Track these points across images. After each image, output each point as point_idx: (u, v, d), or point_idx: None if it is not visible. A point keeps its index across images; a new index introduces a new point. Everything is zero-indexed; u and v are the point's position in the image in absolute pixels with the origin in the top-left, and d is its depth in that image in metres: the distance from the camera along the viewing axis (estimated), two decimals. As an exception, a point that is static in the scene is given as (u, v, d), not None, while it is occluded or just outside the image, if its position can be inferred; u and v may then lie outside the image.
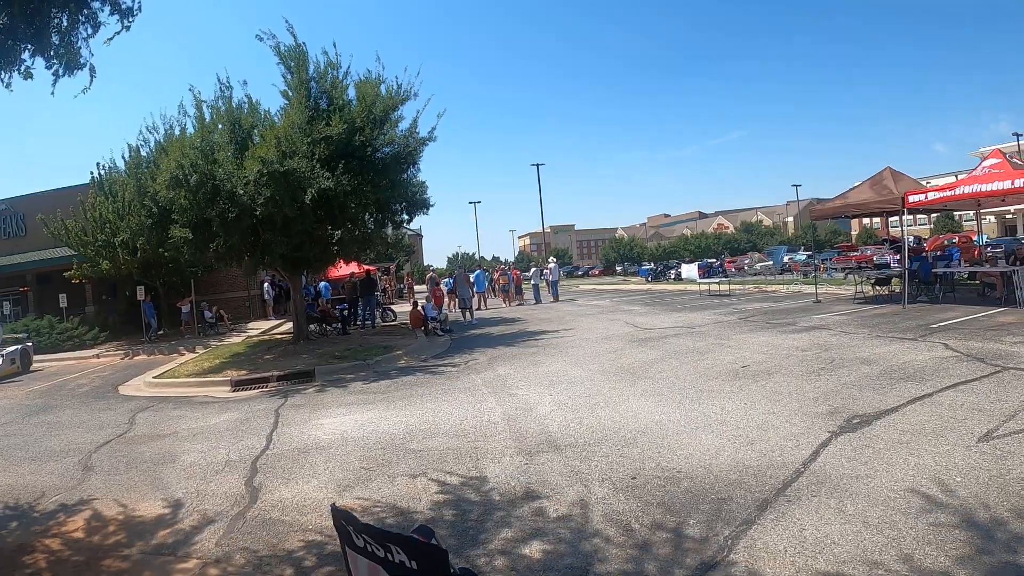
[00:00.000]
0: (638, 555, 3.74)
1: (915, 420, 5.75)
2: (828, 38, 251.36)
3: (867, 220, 67.08)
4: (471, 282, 23.89)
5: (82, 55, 5.13)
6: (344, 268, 23.77)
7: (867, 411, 6.16)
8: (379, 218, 16.14)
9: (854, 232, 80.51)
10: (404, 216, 16.88)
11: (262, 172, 12.63)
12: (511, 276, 30.39)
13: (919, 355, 8.68)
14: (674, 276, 41.14)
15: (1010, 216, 53.59)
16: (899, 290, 15.81)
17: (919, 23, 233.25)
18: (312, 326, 18.71)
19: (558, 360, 11.30)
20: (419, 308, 18.64)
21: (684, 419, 6.55)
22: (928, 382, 7.10)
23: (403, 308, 24.61)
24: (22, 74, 5.08)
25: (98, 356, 19.54)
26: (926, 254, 21.38)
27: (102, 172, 22.37)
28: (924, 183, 19.46)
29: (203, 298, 24.91)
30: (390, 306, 25.42)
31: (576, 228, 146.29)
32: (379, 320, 21.96)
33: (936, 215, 55.25)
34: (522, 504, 4.70)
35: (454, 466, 5.73)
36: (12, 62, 4.90)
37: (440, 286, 26.32)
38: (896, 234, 22.52)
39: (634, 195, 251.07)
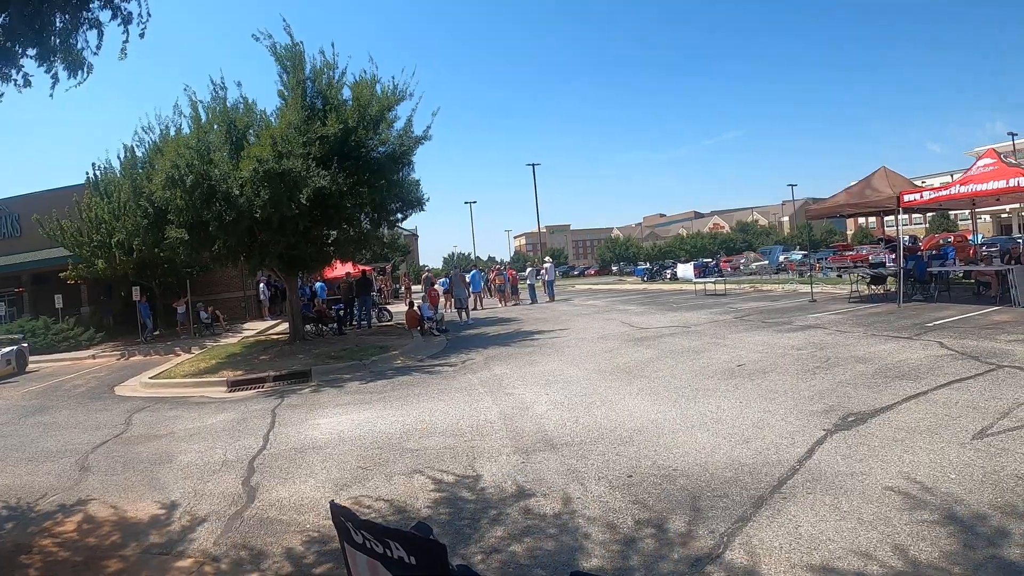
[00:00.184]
0: (634, 552, 3.76)
1: (910, 418, 5.78)
2: (824, 38, 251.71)
3: (863, 220, 67.34)
4: (467, 282, 23.90)
5: (84, 57, 5.12)
6: (340, 268, 23.78)
7: (862, 409, 6.19)
8: (374, 218, 16.13)
9: (850, 232, 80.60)
10: (399, 215, 16.88)
11: (257, 171, 12.62)
12: (507, 276, 30.40)
13: (914, 353, 8.73)
14: (670, 276, 41.19)
15: (1006, 215, 53.70)
16: (894, 289, 15.87)
17: (915, 23, 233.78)
18: (308, 326, 18.70)
19: (554, 359, 11.31)
20: (415, 308, 18.62)
21: (680, 418, 6.58)
22: (923, 380, 7.14)
23: (399, 308, 24.59)
24: (20, 82, 5.06)
25: (94, 357, 19.48)
26: (921, 253, 21.47)
27: (97, 172, 22.29)
28: (920, 183, 19.59)
29: (199, 298, 24.85)
30: (386, 306, 25.40)
31: (572, 228, 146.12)
32: (375, 320, 21.92)
33: (932, 214, 55.56)
34: (518, 502, 4.71)
35: (451, 465, 5.74)
36: (11, 65, 4.88)
37: (435, 286, 26.34)
38: (892, 233, 22.61)
39: (630, 195, 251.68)
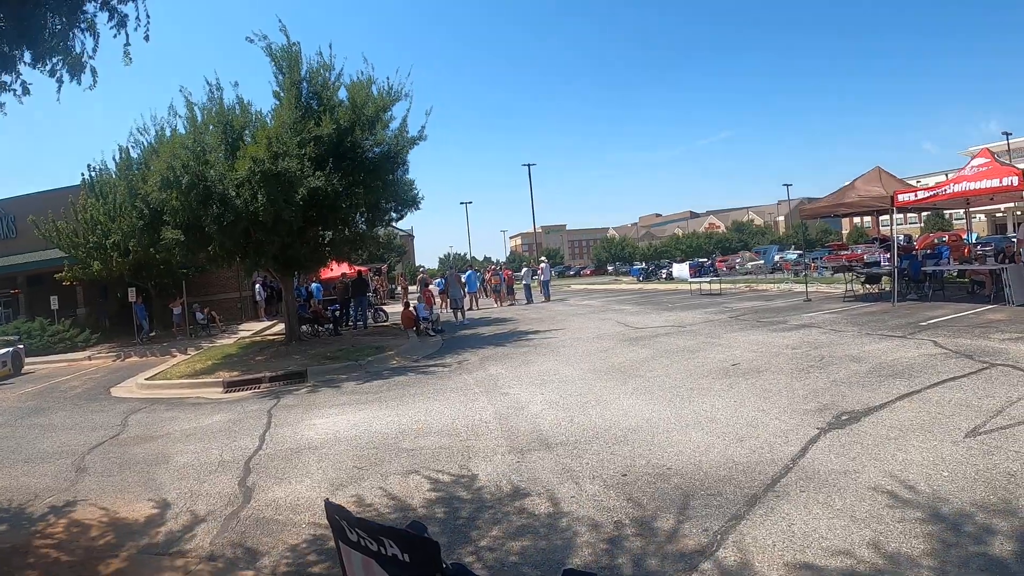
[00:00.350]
0: (628, 551, 3.78)
1: (903, 416, 5.81)
2: (819, 38, 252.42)
3: (858, 219, 67.48)
4: (462, 282, 23.89)
5: (84, 61, 5.11)
6: (336, 269, 23.76)
7: (856, 408, 6.22)
8: (369, 218, 16.13)
9: (845, 231, 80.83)
10: (394, 215, 16.86)
11: (253, 171, 12.61)
12: (503, 276, 30.40)
13: (908, 352, 8.76)
14: (665, 276, 41.20)
15: (1000, 215, 53.93)
16: (889, 288, 15.90)
17: (910, 23, 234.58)
18: (304, 327, 18.69)
19: (549, 359, 11.33)
20: (411, 308, 18.64)
21: (674, 417, 6.60)
22: (916, 379, 7.17)
23: (395, 308, 24.58)
24: (19, 91, 5.05)
25: (90, 358, 19.45)
26: (916, 252, 21.47)
27: (93, 174, 22.28)
28: (914, 182, 19.65)
29: (195, 300, 24.83)
30: (382, 307, 25.41)
31: (568, 228, 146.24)
32: (371, 321, 21.93)
33: (926, 214, 55.70)
34: (513, 502, 4.73)
35: (446, 465, 5.75)
36: (10, 70, 4.87)
37: (430, 287, 26.31)
38: (887, 233, 22.64)
39: (626, 195, 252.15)
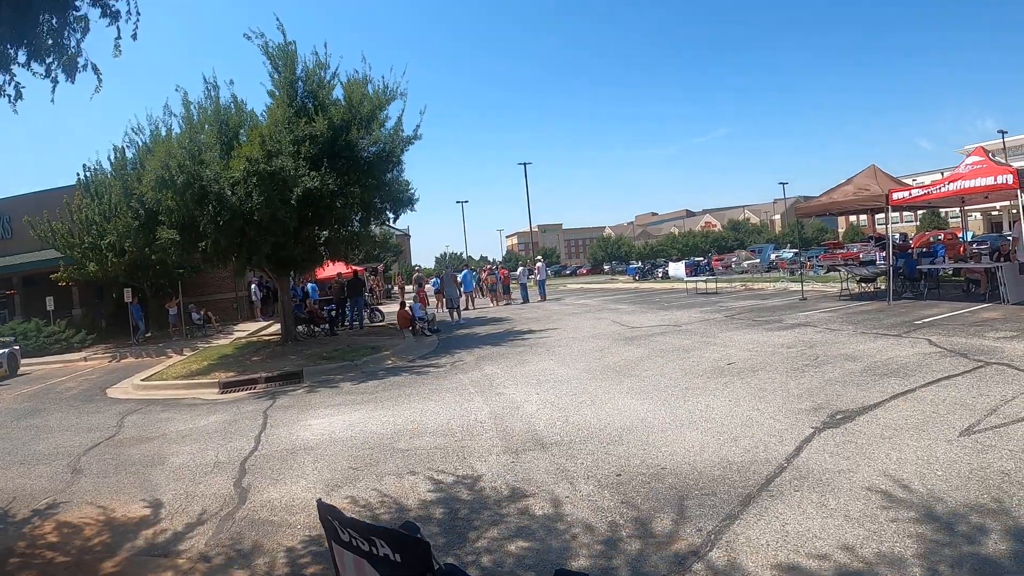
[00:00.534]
0: (622, 550, 3.79)
1: (897, 415, 5.82)
2: (815, 36, 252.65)
3: (854, 217, 67.72)
4: (458, 282, 23.88)
5: (80, 59, 5.10)
6: (332, 269, 23.73)
7: (850, 407, 6.23)
8: (364, 217, 16.11)
9: (841, 229, 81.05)
10: (390, 215, 16.87)
11: (248, 171, 12.59)
12: (499, 276, 30.39)
13: (903, 351, 8.78)
14: (661, 275, 41.32)
15: (996, 213, 53.98)
16: (884, 287, 15.95)
17: (906, 21, 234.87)
18: (300, 327, 18.68)
19: (545, 359, 11.34)
20: (407, 308, 18.62)
21: (669, 416, 6.61)
22: (911, 378, 7.19)
23: (391, 308, 24.57)
24: (12, 95, 5.03)
25: (86, 359, 19.42)
26: (911, 251, 21.54)
27: (88, 174, 22.21)
28: (910, 180, 19.67)
29: (191, 300, 24.79)
30: (378, 307, 25.39)
31: (564, 227, 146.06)
32: (367, 320, 21.92)
33: (923, 212, 55.89)
34: (508, 502, 4.74)
35: (441, 465, 5.76)
36: (3, 70, 4.85)
37: (423, 287, 26.29)
38: (883, 231, 22.69)
39: (622, 194, 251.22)
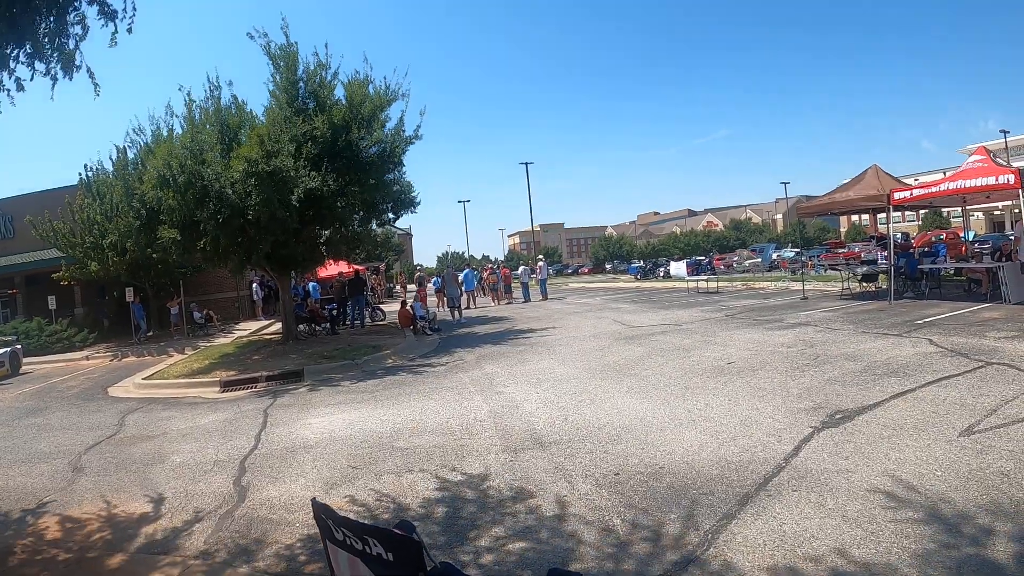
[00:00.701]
0: (619, 550, 3.79)
1: (897, 415, 5.81)
2: (818, 36, 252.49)
3: (856, 217, 67.66)
4: (459, 281, 23.88)
5: (76, 58, 5.12)
6: (333, 268, 23.75)
7: (850, 407, 6.22)
8: (365, 217, 16.12)
9: (843, 229, 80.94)
10: (391, 215, 16.89)
11: (248, 172, 12.60)
12: (500, 275, 30.38)
13: (903, 351, 8.76)
14: (663, 274, 41.25)
15: (998, 212, 53.90)
16: (886, 286, 15.92)
17: (907, 21, 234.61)
18: (301, 326, 18.69)
19: (545, 358, 11.33)
20: (408, 307, 18.62)
21: (668, 416, 6.60)
22: (911, 377, 7.17)
23: (393, 308, 24.57)
24: (13, 89, 5.06)
25: (87, 358, 19.44)
26: (913, 250, 21.52)
27: (90, 174, 22.21)
28: (912, 180, 19.64)
29: (192, 299, 24.82)
30: (379, 306, 25.40)
31: (566, 226, 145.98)
32: (368, 320, 21.93)
33: (924, 212, 55.78)
34: (506, 501, 4.74)
35: (440, 464, 5.76)
36: (2, 69, 4.87)
37: (423, 286, 26.27)
38: (885, 231, 22.65)
39: (624, 193, 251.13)
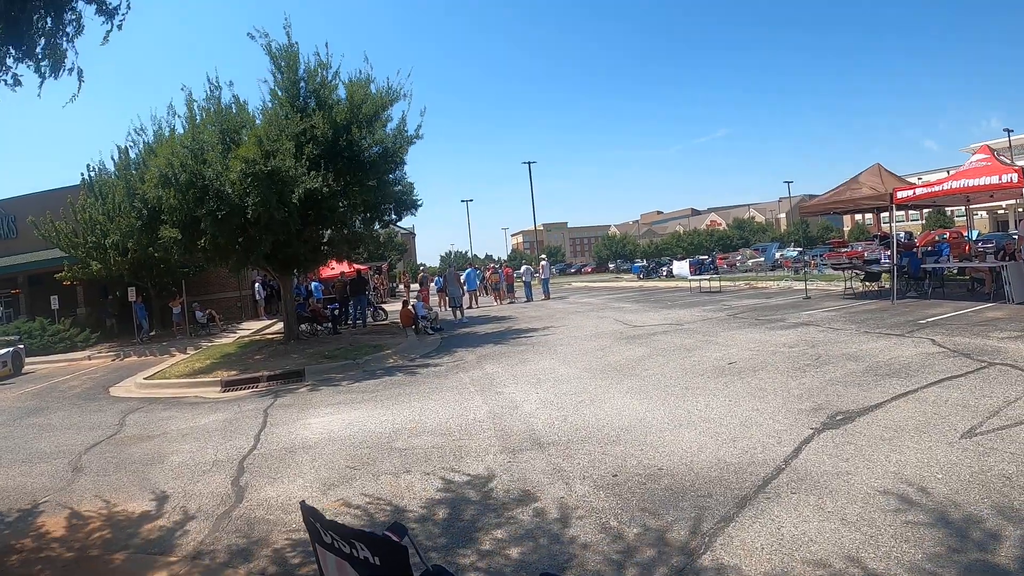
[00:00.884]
0: (615, 553, 3.76)
1: (899, 416, 5.77)
2: (820, 35, 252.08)
3: (859, 216, 67.48)
4: (461, 281, 23.87)
5: (67, 58, 5.12)
6: (336, 268, 23.78)
7: (851, 408, 6.18)
8: (367, 218, 16.12)
9: (847, 228, 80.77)
10: (393, 216, 16.89)
11: (245, 172, 12.60)
12: (502, 274, 30.39)
13: (905, 351, 8.71)
14: (666, 273, 41.20)
15: (1002, 212, 53.76)
16: (888, 286, 15.87)
17: (910, 20, 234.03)
18: (303, 326, 18.70)
19: (546, 358, 11.31)
20: (409, 307, 18.63)
21: (668, 416, 6.57)
22: (913, 378, 7.13)
23: (396, 307, 24.59)
24: (10, 82, 5.06)
25: (90, 358, 19.49)
26: (916, 250, 21.44)
27: (92, 174, 22.26)
28: (915, 179, 19.59)
29: (195, 299, 24.84)
30: (382, 305, 25.43)
31: (569, 226, 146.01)
32: (370, 319, 21.94)
33: (928, 211, 55.62)
34: (503, 502, 4.71)
35: (437, 464, 5.74)
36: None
37: (425, 285, 26.28)
38: (888, 230, 22.57)
39: (628, 192, 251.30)
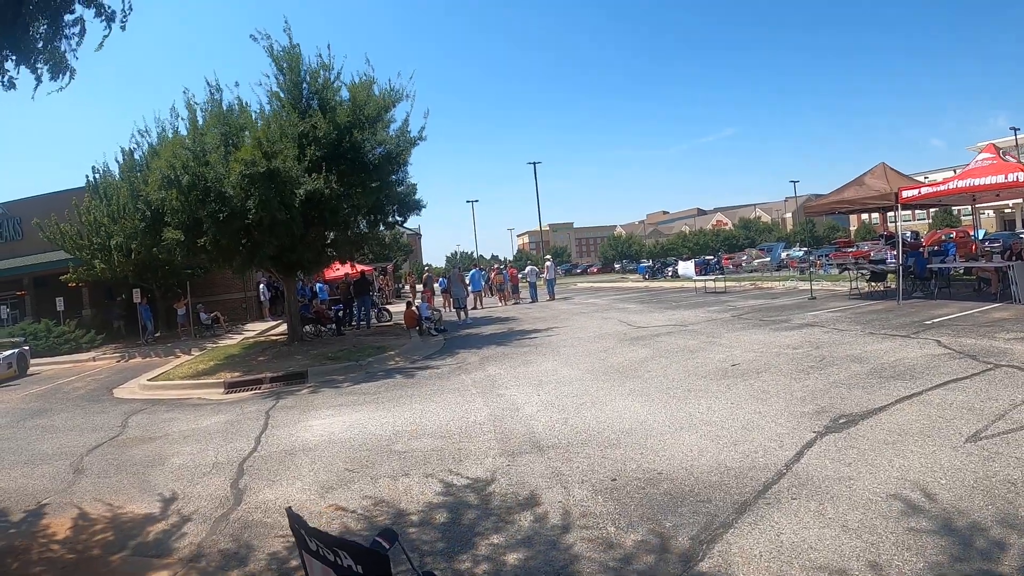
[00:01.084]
0: (613, 560, 3.72)
1: (902, 420, 5.70)
2: (825, 35, 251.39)
3: (866, 216, 67.38)
4: (465, 281, 23.86)
5: (67, 60, 5.12)
6: (340, 269, 23.79)
7: (854, 410, 6.12)
8: (371, 219, 16.13)
9: (853, 228, 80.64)
10: (397, 217, 16.89)
11: (244, 174, 12.60)
12: (507, 275, 30.39)
13: (911, 352, 8.64)
14: (671, 273, 41.12)
15: (1009, 211, 53.55)
16: (894, 286, 15.79)
17: (915, 19, 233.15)
18: (307, 327, 18.69)
19: (549, 359, 11.28)
20: (413, 308, 18.63)
21: (669, 419, 6.53)
22: (918, 380, 7.05)
23: (399, 308, 24.61)
24: (5, 84, 5.07)
25: (95, 359, 19.58)
26: (922, 249, 21.35)
27: (96, 176, 22.36)
28: (921, 178, 19.50)
29: (199, 300, 24.89)
30: (386, 306, 25.43)
31: (575, 226, 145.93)
32: (374, 320, 21.94)
33: (935, 210, 55.46)
34: (500, 506, 4.69)
35: (436, 468, 5.72)
36: None
37: (429, 286, 26.28)
38: (894, 229, 22.52)
39: (634, 192, 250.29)
